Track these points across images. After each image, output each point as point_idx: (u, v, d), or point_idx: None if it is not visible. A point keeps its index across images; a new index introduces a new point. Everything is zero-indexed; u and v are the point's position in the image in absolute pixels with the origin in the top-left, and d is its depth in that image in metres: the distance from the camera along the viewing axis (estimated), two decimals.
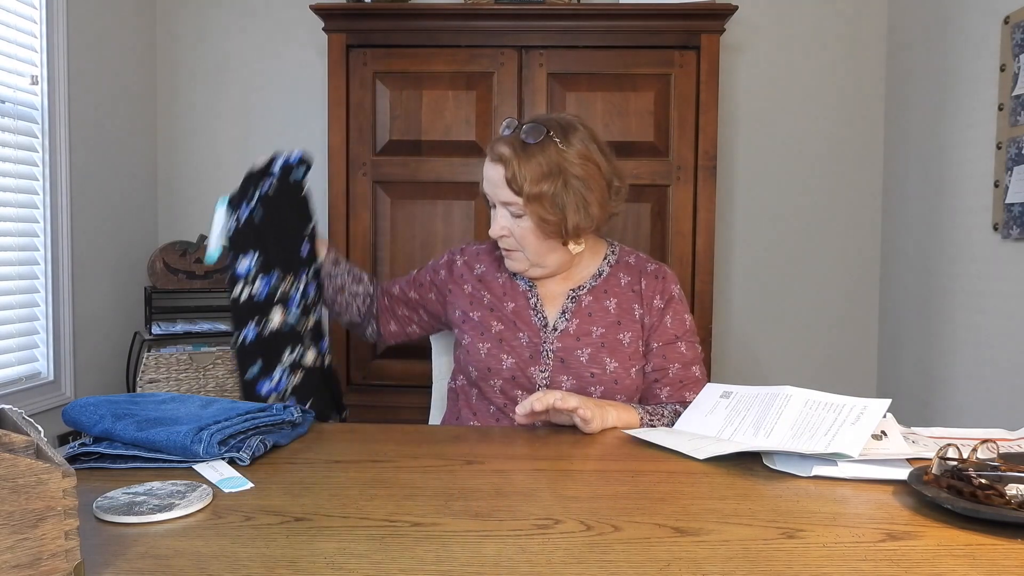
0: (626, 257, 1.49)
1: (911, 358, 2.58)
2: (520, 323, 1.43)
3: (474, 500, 0.88)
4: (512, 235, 1.38)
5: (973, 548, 0.75)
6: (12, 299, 2.14)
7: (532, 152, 1.33)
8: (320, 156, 2.77)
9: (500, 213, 1.38)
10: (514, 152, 1.33)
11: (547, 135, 1.34)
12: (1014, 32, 2.01)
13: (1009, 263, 2.05)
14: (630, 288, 1.45)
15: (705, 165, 2.34)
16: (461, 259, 1.54)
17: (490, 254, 1.53)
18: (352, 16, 2.36)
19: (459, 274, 1.52)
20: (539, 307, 1.44)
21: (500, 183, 1.35)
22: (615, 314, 1.43)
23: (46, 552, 0.61)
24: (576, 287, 1.45)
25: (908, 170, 2.61)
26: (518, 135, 1.35)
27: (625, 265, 1.48)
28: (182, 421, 1.03)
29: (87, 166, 2.41)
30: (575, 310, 1.43)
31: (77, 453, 1.02)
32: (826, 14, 2.78)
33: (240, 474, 0.96)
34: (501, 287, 1.47)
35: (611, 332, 1.41)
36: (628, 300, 1.44)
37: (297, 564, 0.70)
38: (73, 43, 2.32)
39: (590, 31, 2.34)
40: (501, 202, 1.37)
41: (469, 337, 1.45)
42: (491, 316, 1.45)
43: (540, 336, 1.41)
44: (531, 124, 1.35)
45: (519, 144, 1.34)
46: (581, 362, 1.39)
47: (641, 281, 1.46)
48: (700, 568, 0.70)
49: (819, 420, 1.06)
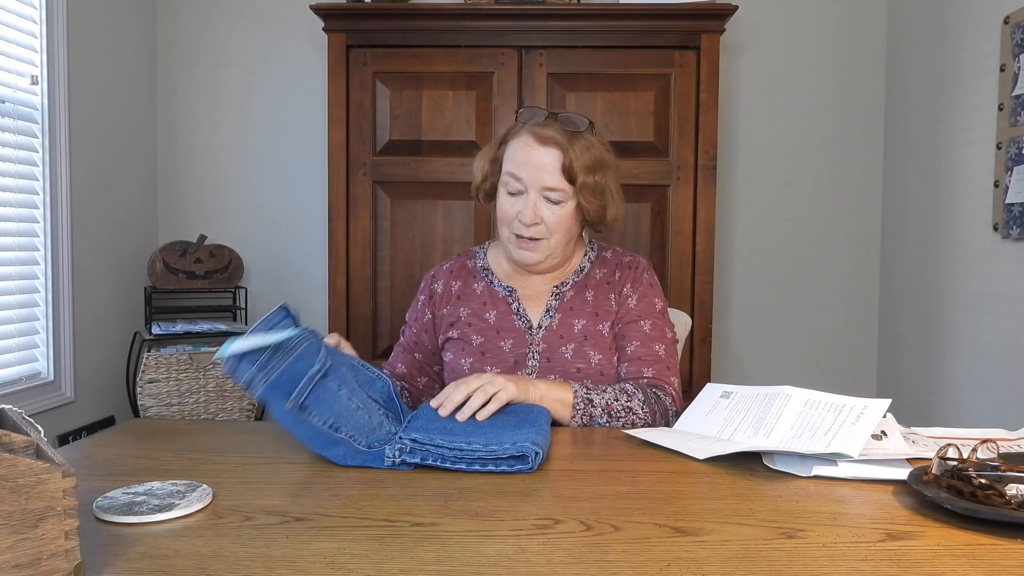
0: (604, 252, 1.51)
1: (911, 358, 2.58)
2: (503, 331, 1.42)
3: (474, 500, 0.88)
4: (543, 222, 1.36)
5: (973, 548, 0.75)
6: (12, 299, 2.14)
7: (578, 139, 1.34)
8: (320, 156, 2.77)
9: (534, 199, 1.34)
10: (567, 138, 1.33)
11: (589, 125, 1.37)
12: (1014, 32, 2.00)
13: (1009, 263, 2.05)
14: (605, 281, 1.46)
15: (705, 165, 2.34)
16: (437, 284, 1.51)
17: (463, 269, 1.51)
18: (352, 16, 2.36)
19: (439, 299, 1.50)
20: (522, 311, 1.43)
21: (551, 168, 1.33)
22: (592, 306, 1.43)
23: (46, 552, 0.61)
24: (560, 283, 1.45)
25: (908, 170, 2.61)
26: (556, 122, 1.35)
27: (603, 260, 1.49)
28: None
29: (87, 166, 2.41)
30: (559, 306, 1.43)
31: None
32: (826, 14, 2.78)
33: None
34: (480, 298, 1.46)
35: (591, 324, 1.41)
36: (604, 292, 1.45)
37: (297, 564, 0.70)
38: (73, 43, 2.32)
39: (590, 31, 2.34)
40: (543, 187, 1.34)
41: (451, 354, 1.45)
42: (471, 331, 1.44)
43: (525, 339, 1.41)
44: (567, 114, 1.38)
45: (564, 131, 1.34)
46: (566, 359, 1.39)
47: (615, 273, 1.47)
48: (700, 568, 0.70)
49: (819, 420, 1.06)
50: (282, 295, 2.84)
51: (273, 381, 1.04)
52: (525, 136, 1.35)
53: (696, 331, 2.34)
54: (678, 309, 1.92)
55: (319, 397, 1.05)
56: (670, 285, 2.37)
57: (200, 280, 2.63)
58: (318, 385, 1.06)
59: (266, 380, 1.04)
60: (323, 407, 1.05)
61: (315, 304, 2.82)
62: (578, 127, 1.35)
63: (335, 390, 1.07)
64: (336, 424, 1.04)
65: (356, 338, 2.40)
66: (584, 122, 1.36)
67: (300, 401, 1.04)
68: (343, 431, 1.04)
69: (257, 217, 2.86)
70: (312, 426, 1.04)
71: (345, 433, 1.04)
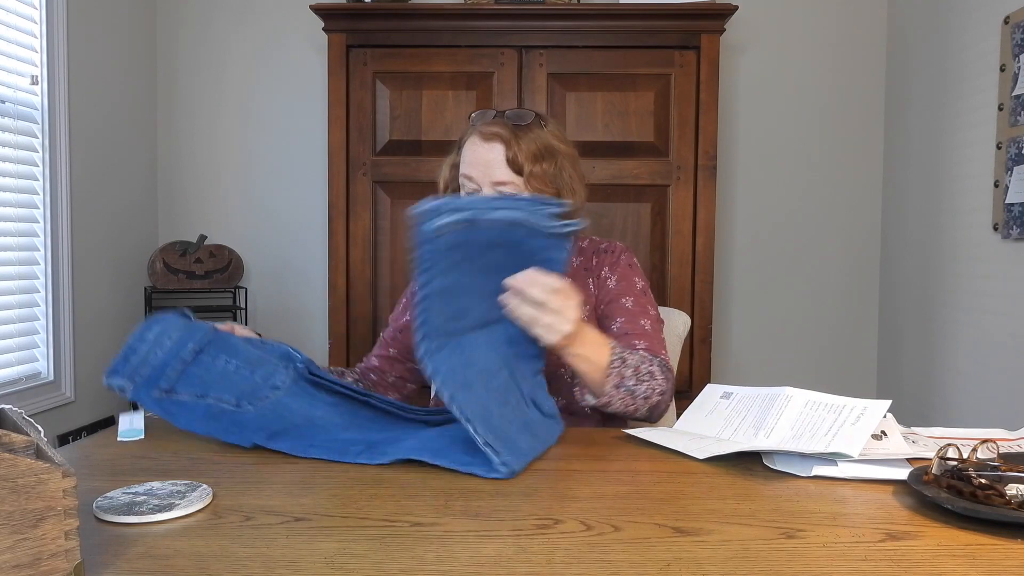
0: (580, 243, 1.52)
1: (911, 358, 2.58)
2: None
3: (474, 500, 0.88)
4: None
5: (973, 548, 0.75)
6: (12, 299, 2.14)
7: (524, 132, 1.36)
8: (320, 156, 2.77)
9: (488, 195, 1.36)
10: (510, 132, 1.36)
11: (535, 117, 1.39)
12: (1014, 32, 2.00)
13: (1009, 263, 2.05)
14: (583, 268, 1.47)
15: (705, 165, 2.34)
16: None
17: None
18: (352, 16, 2.36)
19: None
20: None
21: (497, 162, 1.35)
22: None
23: (46, 552, 0.61)
24: None
25: (908, 170, 2.61)
26: (502, 119, 1.38)
27: (579, 249, 1.50)
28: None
29: (87, 166, 2.41)
30: None
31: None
32: (826, 14, 2.78)
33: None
34: None
35: None
36: (582, 278, 1.46)
37: (297, 564, 0.70)
38: (73, 43, 2.32)
39: (590, 31, 2.34)
40: (494, 182, 1.36)
41: None
42: None
43: None
44: (514, 110, 1.41)
45: (510, 125, 1.37)
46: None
47: (593, 259, 1.48)
48: (700, 568, 0.70)
49: (819, 420, 1.06)
50: (282, 295, 2.84)
51: (144, 380, 1.08)
52: (473, 137, 1.39)
53: (696, 331, 2.34)
54: (678, 309, 1.92)
55: (189, 374, 1.08)
56: (670, 285, 2.37)
57: (200, 280, 2.63)
58: (190, 365, 1.09)
59: (134, 383, 1.08)
60: (192, 382, 1.08)
61: (315, 304, 2.82)
62: (524, 120, 1.38)
63: (208, 363, 1.10)
64: (203, 392, 1.07)
65: (356, 338, 2.40)
66: (530, 115, 1.39)
67: (167, 386, 1.07)
68: (210, 396, 1.07)
69: (257, 217, 2.86)
70: (183, 404, 1.07)
71: (211, 398, 1.06)
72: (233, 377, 1.09)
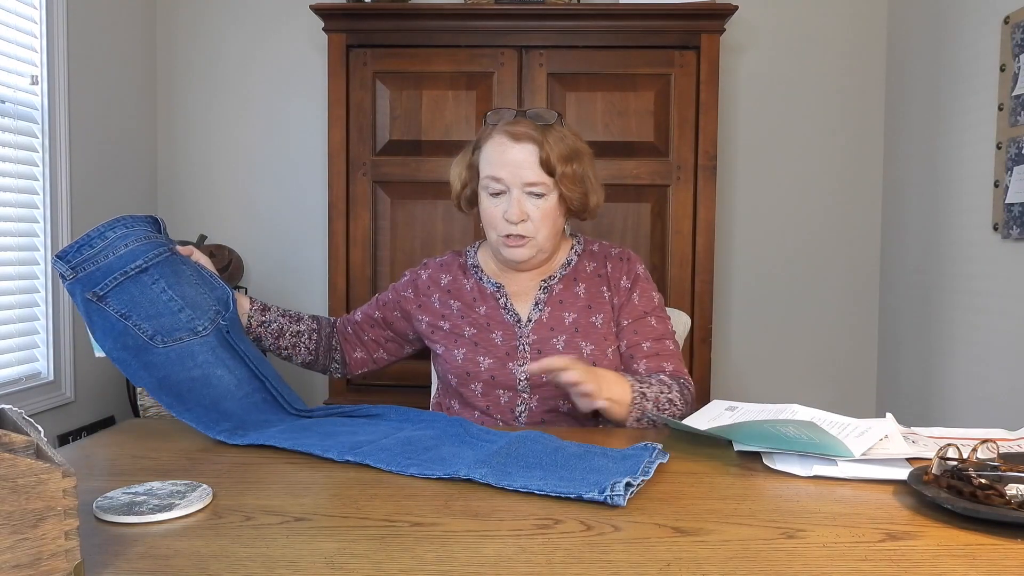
0: (590, 246, 1.52)
1: (911, 358, 2.58)
2: (493, 324, 1.43)
3: (474, 500, 0.88)
4: (530, 218, 1.37)
5: (973, 548, 0.75)
6: (12, 299, 2.14)
7: (551, 132, 1.37)
8: (320, 156, 2.77)
9: (517, 197, 1.36)
10: (540, 132, 1.35)
11: (559, 117, 1.40)
12: (1014, 32, 2.01)
13: (1009, 263, 2.05)
14: (596, 273, 1.47)
15: (705, 165, 2.34)
16: (425, 273, 1.53)
17: (454, 264, 1.53)
18: (352, 16, 2.36)
19: (425, 287, 1.51)
20: (510, 306, 1.45)
21: (529, 164, 1.34)
22: (585, 299, 1.44)
23: (46, 552, 0.61)
24: (547, 277, 1.47)
25: (908, 170, 2.61)
26: (525, 119, 1.38)
27: (590, 253, 1.51)
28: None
29: (87, 166, 2.41)
30: (547, 300, 1.44)
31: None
32: (826, 14, 2.78)
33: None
34: (470, 293, 1.48)
35: (583, 316, 1.43)
36: (596, 284, 1.46)
37: (297, 564, 0.70)
38: (73, 43, 2.32)
39: (590, 31, 2.34)
40: (524, 183, 1.35)
41: (443, 346, 1.46)
42: (463, 323, 1.45)
43: (515, 332, 1.42)
44: (534, 109, 1.41)
45: (536, 126, 1.36)
46: (557, 350, 1.39)
47: (607, 265, 1.48)
48: (700, 568, 0.70)
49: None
50: (282, 295, 2.84)
51: (85, 276, 1.11)
52: (498, 137, 1.37)
53: (696, 331, 2.34)
54: (678, 309, 1.92)
55: (124, 288, 1.11)
56: (670, 285, 2.37)
57: None
58: (130, 279, 1.11)
59: (76, 275, 1.11)
60: (123, 298, 1.11)
61: (315, 304, 2.82)
62: (548, 120, 1.38)
63: (148, 284, 1.13)
64: (127, 312, 1.10)
65: None
66: (553, 115, 1.39)
67: (102, 292, 1.10)
68: (132, 319, 1.09)
69: (257, 217, 2.86)
70: (105, 317, 1.09)
71: (132, 321, 1.09)
72: (160, 307, 1.12)
